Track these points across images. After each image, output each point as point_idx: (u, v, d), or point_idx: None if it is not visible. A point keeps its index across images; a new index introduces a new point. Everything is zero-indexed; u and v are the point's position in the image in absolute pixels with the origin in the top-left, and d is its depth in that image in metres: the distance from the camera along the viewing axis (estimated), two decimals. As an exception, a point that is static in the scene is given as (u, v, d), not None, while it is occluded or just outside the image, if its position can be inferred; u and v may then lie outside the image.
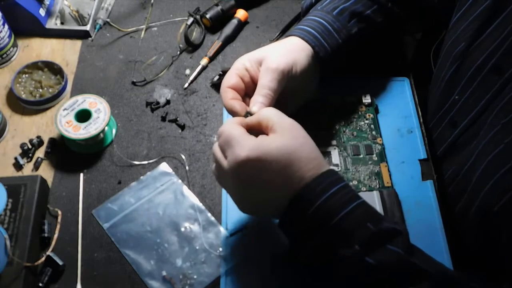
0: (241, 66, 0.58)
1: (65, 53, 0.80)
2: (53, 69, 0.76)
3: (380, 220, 0.46)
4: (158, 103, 0.74)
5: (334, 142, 0.69)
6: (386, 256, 0.44)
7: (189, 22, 0.81)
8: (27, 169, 0.68)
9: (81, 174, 0.68)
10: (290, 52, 0.59)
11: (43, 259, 0.60)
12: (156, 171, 0.68)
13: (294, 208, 0.47)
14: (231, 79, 0.57)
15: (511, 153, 0.51)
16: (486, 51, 0.58)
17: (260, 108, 0.54)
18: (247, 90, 0.59)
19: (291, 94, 0.60)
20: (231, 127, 0.50)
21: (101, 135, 0.70)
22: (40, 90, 0.74)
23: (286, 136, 0.49)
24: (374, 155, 0.68)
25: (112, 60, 0.80)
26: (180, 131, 0.72)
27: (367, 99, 0.72)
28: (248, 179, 0.48)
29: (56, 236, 0.62)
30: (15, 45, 0.79)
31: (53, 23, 0.81)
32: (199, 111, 0.74)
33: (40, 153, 0.70)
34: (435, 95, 0.71)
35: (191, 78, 0.77)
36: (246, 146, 0.47)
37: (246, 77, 0.58)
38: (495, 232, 0.53)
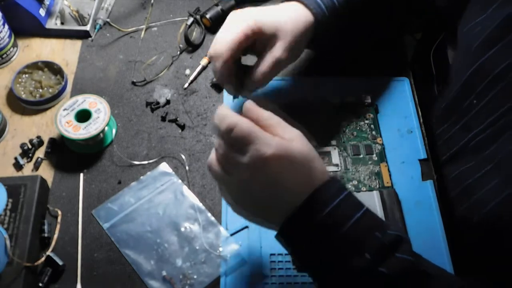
0: (250, 27, 0.57)
1: (65, 53, 0.80)
2: (53, 69, 0.76)
3: (384, 228, 0.45)
4: (158, 103, 0.74)
5: (334, 142, 0.69)
6: (397, 264, 0.44)
7: (189, 22, 0.81)
8: (27, 169, 0.68)
9: (81, 174, 0.68)
10: (299, 28, 0.60)
11: (43, 259, 0.60)
12: (156, 171, 0.68)
13: (305, 212, 0.45)
14: (238, 37, 0.57)
15: None
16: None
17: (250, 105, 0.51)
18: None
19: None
20: (246, 122, 0.46)
21: (101, 135, 0.70)
22: (40, 90, 0.74)
23: (304, 144, 0.47)
24: (374, 155, 0.68)
25: (112, 60, 0.80)
26: (180, 131, 0.72)
27: (367, 99, 0.72)
28: (270, 177, 0.45)
29: (56, 236, 0.62)
30: (15, 45, 0.79)
31: (53, 23, 0.81)
32: (199, 111, 0.74)
33: (40, 153, 0.70)
34: (448, 95, 0.68)
35: (191, 78, 0.77)
36: (272, 144, 0.45)
37: (250, 40, 0.58)
38: (500, 238, 0.53)
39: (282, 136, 0.46)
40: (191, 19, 0.82)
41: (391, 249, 0.44)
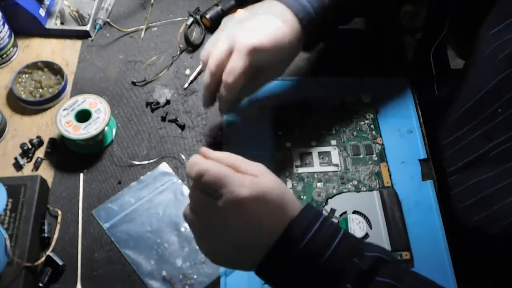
0: (256, 60, 0.57)
1: (65, 53, 0.80)
2: (53, 69, 0.76)
3: (363, 250, 0.44)
4: (158, 103, 0.74)
5: (334, 142, 0.69)
6: None
7: (189, 22, 0.81)
8: (27, 169, 0.68)
9: (81, 174, 0.68)
10: (294, 50, 0.61)
11: (43, 259, 0.60)
12: (156, 171, 0.68)
13: (281, 249, 0.44)
14: (247, 70, 0.57)
15: None
16: None
17: None
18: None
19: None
20: (216, 165, 0.45)
21: (101, 135, 0.70)
22: (40, 90, 0.74)
23: (272, 178, 0.47)
24: (374, 155, 0.68)
25: (112, 60, 0.80)
26: (180, 131, 0.72)
27: (367, 99, 0.72)
28: (245, 219, 0.44)
29: (56, 236, 0.62)
30: (15, 45, 0.79)
31: (53, 23, 0.81)
32: (199, 111, 0.74)
33: (40, 153, 0.70)
34: (467, 101, 0.66)
35: (191, 78, 0.77)
36: (245, 184, 0.44)
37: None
38: None
39: (250, 173, 0.45)
40: (191, 19, 0.82)
41: (371, 274, 0.43)
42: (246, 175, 0.45)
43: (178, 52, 0.80)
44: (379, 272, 0.43)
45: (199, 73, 0.78)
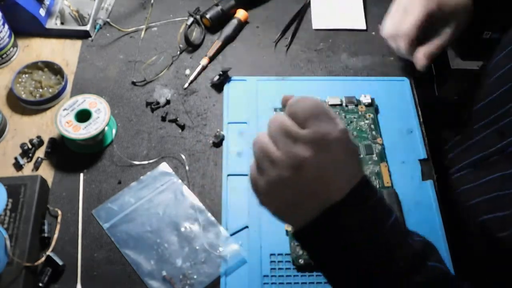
0: (434, 10, 0.60)
1: (65, 53, 0.80)
2: (53, 69, 0.76)
3: (412, 235, 0.43)
4: (158, 103, 0.74)
5: (334, 142, 0.69)
6: (430, 273, 0.41)
7: (189, 22, 0.81)
8: (27, 169, 0.68)
9: (81, 174, 0.68)
10: (470, 5, 0.62)
11: (43, 259, 0.60)
12: (156, 171, 0.68)
13: (350, 202, 0.41)
14: (422, 19, 0.61)
15: None
16: None
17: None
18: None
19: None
20: (317, 101, 0.42)
21: (101, 135, 0.70)
22: (40, 90, 0.74)
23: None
24: (374, 155, 0.68)
25: (112, 60, 0.80)
26: (180, 131, 0.72)
27: (367, 99, 0.72)
28: (327, 159, 0.40)
29: (56, 236, 0.62)
30: (15, 45, 0.79)
31: (53, 23, 0.81)
32: (199, 111, 0.74)
33: (40, 153, 0.70)
34: (481, 99, 0.66)
35: (191, 78, 0.77)
36: (338, 128, 0.41)
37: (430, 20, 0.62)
38: None
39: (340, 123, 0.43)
40: (191, 19, 0.82)
41: (423, 257, 0.41)
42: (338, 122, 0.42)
43: (178, 52, 0.80)
44: (429, 257, 0.42)
45: (199, 73, 0.78)
